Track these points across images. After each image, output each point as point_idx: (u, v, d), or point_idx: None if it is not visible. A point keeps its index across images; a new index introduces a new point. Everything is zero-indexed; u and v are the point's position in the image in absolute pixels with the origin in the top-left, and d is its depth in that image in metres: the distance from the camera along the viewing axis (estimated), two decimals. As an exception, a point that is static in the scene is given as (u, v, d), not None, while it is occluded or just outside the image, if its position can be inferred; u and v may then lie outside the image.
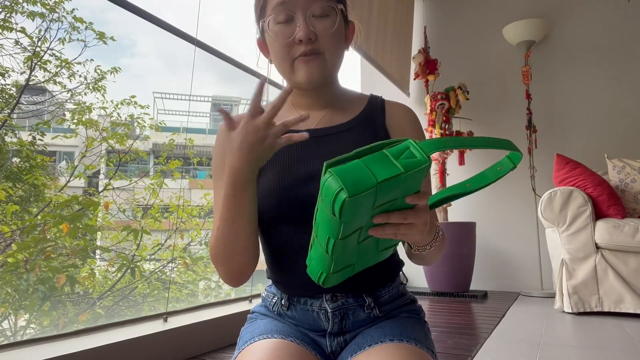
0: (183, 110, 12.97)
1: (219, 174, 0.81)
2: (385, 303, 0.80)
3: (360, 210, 0.53)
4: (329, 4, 0.75)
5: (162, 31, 1.80)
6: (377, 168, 0.53)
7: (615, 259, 2.32)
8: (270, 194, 0.76)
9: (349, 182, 0.51)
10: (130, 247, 4.14)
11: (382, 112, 0.84)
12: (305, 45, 0.74)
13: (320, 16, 0.75)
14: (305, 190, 0.75)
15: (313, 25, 0.74)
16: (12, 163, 3.84)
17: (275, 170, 0.78)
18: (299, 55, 0.75)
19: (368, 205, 0.53)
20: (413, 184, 0.55)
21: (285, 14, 0.74)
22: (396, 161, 0.54)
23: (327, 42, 0.75)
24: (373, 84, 3.85)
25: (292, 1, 0.73)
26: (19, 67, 3.77)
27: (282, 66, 0.78)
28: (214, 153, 0.84)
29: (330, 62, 0.77)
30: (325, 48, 0.75)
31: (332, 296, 0.76)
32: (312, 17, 0.74)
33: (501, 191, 3.41)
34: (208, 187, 5.29)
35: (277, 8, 0.74)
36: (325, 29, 0.75)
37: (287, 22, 0.75)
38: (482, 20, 3.62)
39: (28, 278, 2.70)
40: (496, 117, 3.50)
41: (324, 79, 0.78)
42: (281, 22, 0.75)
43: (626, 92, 3.17)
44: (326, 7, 0.75)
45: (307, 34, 0.73)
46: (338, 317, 0.77)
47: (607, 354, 1.61)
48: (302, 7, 0.73)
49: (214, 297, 4.51)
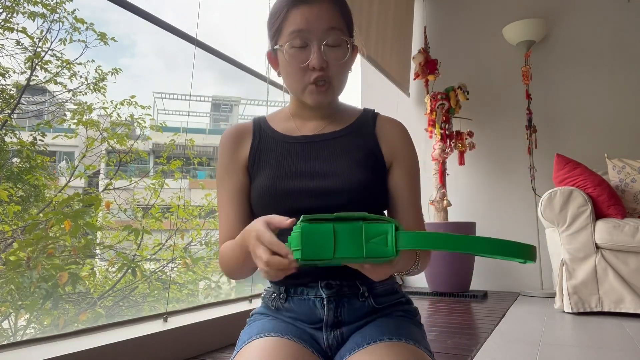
0: (183, 111, 12.98)
1: (222, 179, 0.88)
2: (380, 295, 0.82)
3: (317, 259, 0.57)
4: (342, 37, 0.82)
5: (162, 31, 1.81)
6: (343, 241, 0.56)
7: (615, 259, 2.32)
8: (265, 192, 0.83)
9: (308, 247, 0.55)
10: (130, 246, 4.15)
11: (372, 123, 0.90)
12: (318, 72, 0.80)
13: (333, 46, 0.81)
14: (296, 185, 0.81)
15: (326, 54, 0.80)
16: (12, 163, 3.85)
17: (269, 170, 0.85)
18: (312, 82, 0.81)
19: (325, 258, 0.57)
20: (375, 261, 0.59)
21: (301, 40, 0.80)
22: (365, 243, 0.56)
23: (336, 71, 0.82)
24: (373, 84, 3.85)
25: (309, 30, 0.80)
26: (20, 68, 3.77)
27: (294, 87, 0.85)
28: (219, 158, 0.90)
29: (338, 88, 0.85)
30: (334, 77, 0.83)
31: (327, 284, 0.80)
32: (326, 46, 0.80)
33: (501, 191, 3.41)
34: (208, 187, 5.29)
35: (294, 34, 0.80)
36: (337, 58, 0.82)
37: (302, 47, 0.81)
38: (482, 20, 3.62)
39: (31, 275, 2.70)
40: (496, 117, 3.50)
41: (330, 103, 0.88)
42: (296, 47, 0.81)
43: (626, 92, 3.17)
44: (339, 39, 0.82)
45: (320, 63, 0.79)
46: (333, 304, 0.79)
47: (607, 354, 1.61)
48: (318, 36, 0.80)
49: (214, 297, 4.51)
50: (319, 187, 0.80)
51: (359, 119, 0.90)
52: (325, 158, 0.84)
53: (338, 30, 0.81)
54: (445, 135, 3.21)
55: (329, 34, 0.80)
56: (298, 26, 0.79)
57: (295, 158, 0.85)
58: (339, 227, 0.56)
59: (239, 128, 0.91)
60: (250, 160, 0.87)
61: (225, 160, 0.88)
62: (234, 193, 0.86)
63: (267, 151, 0.87)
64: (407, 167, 0.87)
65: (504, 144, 3.45)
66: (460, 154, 3.29)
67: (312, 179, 0.81)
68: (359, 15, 2.79)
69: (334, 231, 0.56)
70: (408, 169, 0.87)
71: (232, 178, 0.87)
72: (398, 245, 0.56)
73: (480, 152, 3.45)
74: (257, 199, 0.84)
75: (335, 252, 0.55)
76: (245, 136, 0.90)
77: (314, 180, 0.81)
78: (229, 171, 0.87)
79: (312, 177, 0.81)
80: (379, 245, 0.56)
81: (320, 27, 0.79)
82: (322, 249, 0.55)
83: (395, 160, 0.86)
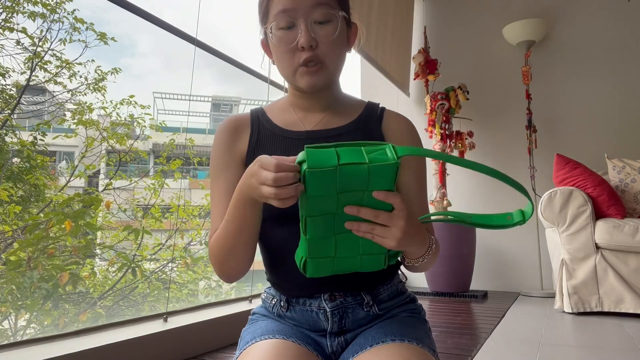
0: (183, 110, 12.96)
1: (217, 173, 0.83)
2: (384, 301, 0.80)
3: (323, 187, 0.56)
4: (330, 11, 0.76)
5: (163, 31, 1.80)
6: (345, 156, 0.56)
7: (615, 259, 2.32)
8: None
9: (313, 160, 0.55)
10: (130, 246, 4.15)
11: (379, 119, 0.85)
12: (307, 52, 0.75)
13: (322, 22, 0.76)
14: None
15: (314, 32, 0.75)
16: (12, 163, 3.85)
17: None
18: (301, 64, 0.76)
19: (331, 187, 0.56)
20: (380, 181, 0.58)
21: (287, 20, 0.75)
22: (367, 154, 0.57)
23: (328, 48, 0.76)
24: (373, 84, 3.85)
25: (294, 8, 0.74)
26: (20, 68, 3.77)
27: (285, 71, 0.79)
28: (213, 151, 0.85)
29: (332, 68, 0.79)
30: (326, 55, 0.76)
31: (330, 296, 0.77)
32: (314, 23, 0.75)
33: (501, 191, 3.41)
34: (208, 187, 5.29)
35: (279, 15, 0.75)
36: (327, 35, 0.76)
37: (290, 28, 0.76)
38: (482, 20, 3.62)
39: (32, 276, 2.71)
40: (496, 117, 3.50)
41: (325, 85, 0.80)
42: (283, 28, 0.76)
43: (626, 92, 3.17)
44: (327, 14, 0.76)
45: (309, 41, 0.74)
46: (337, 316, 0.77)
47: (607, 354, 1.61)
48: (304, 14, 0.75)
49: (214, 296, 4.52)
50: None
51: (363, 113, 0.85)
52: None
53: (325, 4, 0.75)
54: (445, 135, 3.21)
55: (316, 9, 0.75)
56: (283, 5, 0.75)
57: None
58: (340, 149, 0.58)
59: (236, 120, 0.86)
60: (248, 155, 0.82)
61: (221, 153, 0.83)
62: (229, 189, 0.79)
63: (266, 147, 0.82)
64: (414, 165, 0.83)
65: (504, 144, 3.45)
66: (460, 154, 3.29)
67: None
68: (359, 15, 2.79)
69: (337, 152, 0.57)
70: (415, 167, 0.83)
71: (227, 173, 0.82)
72: (397, 153, 0.57)
73: (480, 152, 3.45)
74: None
75: (339, 159, 0.55)
76: (243, 129, 0.84)
77: None
78: (225, 166, 0.82)
79: None
80: (379, 155, 0.57)
81: (306, 4, 0.74)
82: (326, 160, 0.56)
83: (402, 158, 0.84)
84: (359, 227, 0.60)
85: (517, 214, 0.65)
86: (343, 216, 0.60)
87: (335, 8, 0.77)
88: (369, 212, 0.59)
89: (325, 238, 0.62)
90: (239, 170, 0.82)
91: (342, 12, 0.78)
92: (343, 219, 0.60)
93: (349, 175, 0.56)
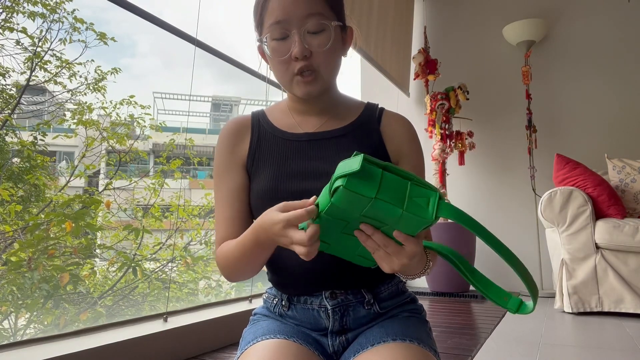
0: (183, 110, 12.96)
1: (220, 177, 0.84)
2: (385, 299, 0.81)
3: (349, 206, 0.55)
4: (323, 21, 0.76)
5: (163, 31, 1.81)
6: (387, 188, 0.54)
7: (615, 259, 2.32)
8: (266, 194, 0.79)
9: (355, 179, 0.53)
10: (130, 246, 4.15)
11: (378, 120, 0.86)
12: (302, 62, 0.76)
13: (315, 32, 0.77)
14: (300, 186, 0.78)
15: (308, 42, 0.76)
16: (12, 163, 3.85)
17: (270, 170, 0.81)
18: (296, 73, 0.77)
19: (357, 208, 0.55)
20: (408, 226, 0.57)
21: (281, 32, 0.76)
22: (408, 199, 0.54)
23: (322, 58, 0.77)
24: (373, 84, 3.85)
25: (287, 19, 0.75)
26: (20, 68, 3.78)
27: (282, 80, 0.81)
28: (216, 156, 0.86)
29: (327, 76, 0.80)
30: (320, 64, 0.77)
31: (331, 293, 0.78)
32: (307, 33, 0.76)
33: (501, 191, 3.41)
34: (208, 187, 5.29)
35: (273, 26, 0.76)
36: (320, 45, 0.77)
37: (284, 39, 0.77)
38: (482, 20, 3.62)
39: (32, 277, 2.71)
40: (496, 117, 3.50)
41: (321, 92, 0.81)
42: (277, 39, 0.77)
43: (626, 92, 3.17)
44: (320, 24, 0.76)
45: (302, 52, 0.75)
46: (338, 314, 0.78)
47: (607, 354, 1.61)
48: (297, 25, 0.75)
49: (214, 296, 4.52)
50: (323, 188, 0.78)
51: (362, 115, 0.86)
52: (329, 157, 0.79)
53: (317, 14, 0.76)
54: (445, 135, 3.21)
55: (308, 20, 0.75)
56: (276, 17, 0.75)
57: (297, 157, 0.81)
58: (387, 175, 0.54)
59: (238, 123, 0.87)
60: (249, 158, 0.83)
61: (224, 157, 0.84)
62: (233, 192, 0.82)
63: (267, 149, 0.83)
64: (414, 166, 0.83)
65: (504, 144, 3.45)
66: (460, 154, 3.29)
67: (316, 179, 0.77)
68: (359, 15, 2.79)
69: (382, 176, 0.54)
70: (414, 167, 0.83)
71: (231, 176, 0.83)
72: (438, 212, 0.55)
73: (480, 152, 3.45)
74: (258, 201, 0.80)
75: (378, 193, 0.53)
76: (244, 132, 0.86)
77: (318, 181, 0.77)
78: (228, 169, 0.83)
79: (315, 177, 0.78)
80: (419, 206, 0.54)
81: (298, 15, 0.75)
82: (366, 186, 0.53)
83: (401, 158, 0.83)
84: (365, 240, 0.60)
85: (514, 303, 0.65)
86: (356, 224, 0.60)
87: (329, 17, 0.78)
88: (382, 239, 0.58)
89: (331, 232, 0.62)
90: (241, 173, 0.83)
91: (335, 21, 0.78)
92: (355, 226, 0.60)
93: (379, 209, 0.54)
